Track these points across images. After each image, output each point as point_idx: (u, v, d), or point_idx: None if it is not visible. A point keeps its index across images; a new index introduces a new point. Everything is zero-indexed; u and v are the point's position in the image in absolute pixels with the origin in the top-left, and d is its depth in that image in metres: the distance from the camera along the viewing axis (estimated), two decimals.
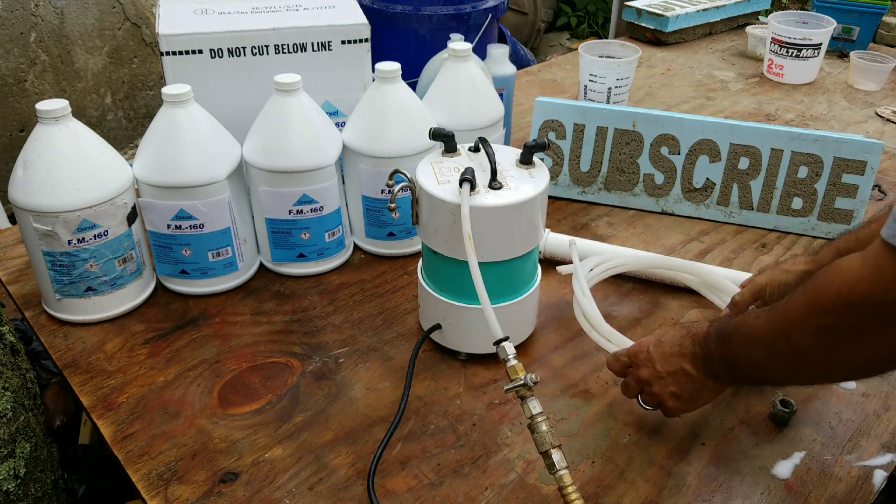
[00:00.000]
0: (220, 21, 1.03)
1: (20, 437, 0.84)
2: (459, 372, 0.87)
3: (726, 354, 0.68)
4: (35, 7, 2.25)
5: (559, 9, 4.21)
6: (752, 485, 0.74)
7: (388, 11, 1.84)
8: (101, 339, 0.91)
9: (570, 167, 1.24)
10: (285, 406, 0.82)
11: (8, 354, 0.88)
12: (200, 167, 0.91)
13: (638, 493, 0.73)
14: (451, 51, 1.07)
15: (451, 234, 0.79)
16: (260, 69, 1.03)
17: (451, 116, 1.06)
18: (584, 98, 1.58)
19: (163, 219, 0.93)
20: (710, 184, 1.20)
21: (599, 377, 0.87)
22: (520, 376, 0.67)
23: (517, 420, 0.81)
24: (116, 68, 2.53)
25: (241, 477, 0.73)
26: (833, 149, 1.12)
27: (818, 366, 0.60)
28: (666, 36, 2.06)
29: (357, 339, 0.93)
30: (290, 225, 0.99)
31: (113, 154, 0.91)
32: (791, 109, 1.67)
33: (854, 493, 0.73)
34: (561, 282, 1.03)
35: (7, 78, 2.23)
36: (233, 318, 0.96)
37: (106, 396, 0.83)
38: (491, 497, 0.72)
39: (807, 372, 0.63)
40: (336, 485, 0.73)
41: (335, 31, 1.05)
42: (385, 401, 0.83)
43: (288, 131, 0.94)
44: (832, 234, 1.16)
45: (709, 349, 0.70)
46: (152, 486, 0.72)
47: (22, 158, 0.86)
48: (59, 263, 0.88)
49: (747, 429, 0.80)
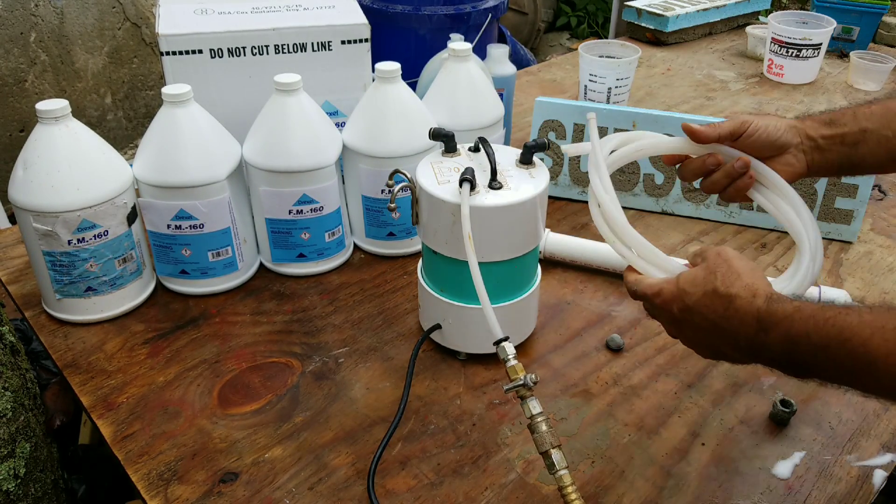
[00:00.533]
0: (220, 21, 1.03)
1: (20, 437, 0.84)
2: (459, 372, 0.88)
3: (799, 358, 0.55)
4: (35, 7, 2.25)
5: (559, 9, 4.21)
6: (752, 485, 0.74)
7: (388, 11, 1.84)
8: (101, 339, 0.91)
9: (570, 167, 1.24)
10: (285, 406, 0.82)
11: (8, 354, 0.88)
12: (200, 167, 0.91)
13: (638, 493, 0.73)
14: (451, 51, 1.07)
15: (451, 234, 0.79)
16: (260, 69, 1.03)
17: (451, 116, 1.06)
18: (584, 98, 1.58)
19: (163, 219, 0.93)
20: None
21: (599, 377, 0.87)
22: (520, 376, 0.67)
23: (517, 420, 0.81)
24: (116, 68, 2.53)
25: (241, 477, 0.73)
26: None
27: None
28: (666, 36, 2.06)
29: (357, 339, 0.93)
30: (290, 225, 0.99)
31: (113, 154, 0.91)
32: (791, 109, 1.67)
33: (854, 493, 0.73)
34: (561, 282, 1.04)
35: (7, 78, 2.23)
36: (233, 318, 0.96)
37: (106, 396, 0.83)
38: (491, 497, 0.72)
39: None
40: (336, 485, 0.73)
41: (335, 31, 1.05)
42: (385, 401, 0.83)
43: (288, 131, 0.94)
44: (832, 235, 1.16)
45: (766, 341, 0.57)
46: (152, 486, 0.72)
47: (22, 158, 0.86)
48: (59, 263, 0.88)
49: (747, 429, 0.80)
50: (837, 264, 1.10)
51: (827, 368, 0.54)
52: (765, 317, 0.57)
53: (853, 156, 0.74)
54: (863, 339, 0.51)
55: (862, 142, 0.73)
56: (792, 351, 0.55)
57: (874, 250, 1.14)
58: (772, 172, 0.74)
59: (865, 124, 0.73)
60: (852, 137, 0.73)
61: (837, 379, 0.54)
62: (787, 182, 0.73)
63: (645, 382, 0.86)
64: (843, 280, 1.07)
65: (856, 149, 0.73)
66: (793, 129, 0.74)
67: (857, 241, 1.16)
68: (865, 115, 0.73)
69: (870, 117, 0.73)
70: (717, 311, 0.60)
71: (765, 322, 0.57)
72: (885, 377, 0.50)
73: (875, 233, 1.19)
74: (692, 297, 0.61)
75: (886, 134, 0.72)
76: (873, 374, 0.50)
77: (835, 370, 0.53)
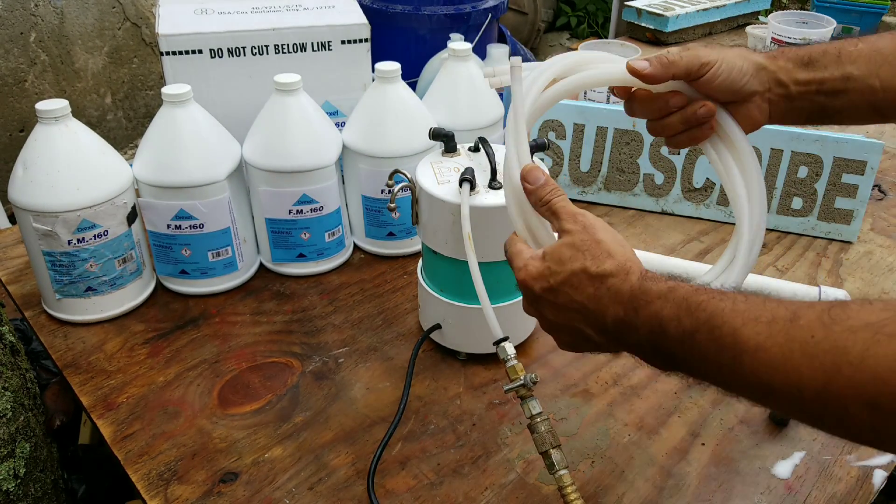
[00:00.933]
0: (220, 21, 1.03)
1: (20, 437, 0.84)
2: (459, 372, 0.87)
3: (665, 345, 0.49)
4: (35, 7, 2.25)
5: (559, 9, 4.21)
6: (752, 485, 0.74)
7: (388, 11, 1.84)
8: (101, 339, 0.91)
9: (570, 167, 1.24)
10: (285, 406, 0.82)
11: (8, 354, 0.88)
12: (200, 167, 0.91)
13: (638, 493, 0.73)
14: (451, 51, 1.07)
15: (451, 234, 0.79)
16: (260, 69, 1.03)
17: (451, 116, 1.06)
18: (584, 98, 1.58)
19: (163, 219, 0.93)
20: (710, 184, 1.20)
21: (599, 377, 0.87)
22: (519, 376, 0.67)
23: (517, 420, 0.81)
24: (116, 68, 2.53)
25: (240, 477, 0.73)
26: (833, 149, 1.12)
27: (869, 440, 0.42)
28: (666, 36, 2.06)
29: (357, 339, 0.93)
30: (290, 225, 0.99)
31: (113, 154, 0.91)
32: None
33: (854, 493, 0.73)
34: None
35: (7, 78, 2.23)
36: (233, 318, 0.96)
37: (106, 396, 0.83)
38: (491, 497, 0.72)
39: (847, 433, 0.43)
40: (336, 485, 0.73)
41: (335, 31, 1.05)
42: (385, 401, 0.83)
43: (288, 131, 0.94)
44: (832, 235, 1.16)
45: (636, 321, 0.51)
46: (152, 486, 0.72)
47: (22, 158, 0.86)
48: (59, 263, 0.88)
49: (747, 429, 0.80)
50: (837, 264, 1.10)
51: (692, 357, 0.48)
52: (637, 294, 0.51)
53: (829, 107, 0.63)
54: (733, 327, 0.45)
55: (843, 91, 0.62)
56: (659, 334, 0.49)
57: (874, 250, 1.14)
58: (735, 128, 0.63)
59: (850, 69, 0.62)
60: (833, 84, 0.62)
61: (701, 371, 0.49)
62: (744, 135, 0.63)
63: (645, 382, 0.86)
64: (843, 280, 1.07)
65: (834, 98, 0.63)
66: (761, 73, 0.63)
67: (857, 241, 1.16)
68: (850, 57, 0.62)
69: (856, 59, 0.62)
70: (587, 292, 0.54)
71: (637, 300, 0.51)
72: (749, 373, 0.44)
73: (875, 233, 1.19)
74: (557, 277, 0.55)
75: (873, 84, 0.61)
76: (738, 367, 0.45)
77: (700, 360, 0.48)
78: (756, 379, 0.44)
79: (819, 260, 1.11)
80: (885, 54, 0.61)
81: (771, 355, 0.43)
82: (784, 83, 0.63)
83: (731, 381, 0.47)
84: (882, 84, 0.61)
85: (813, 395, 0.41)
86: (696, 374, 0.49)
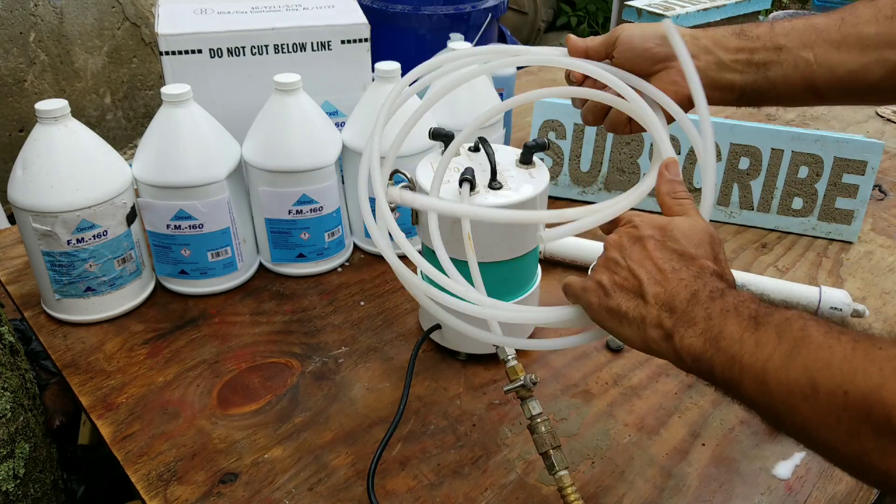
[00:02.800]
0: (220, 21, 1.03)
1: (19, 437, 0.84)
2: (459, 372, 0.87)
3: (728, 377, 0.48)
4: (34, 7, 2.25)
5: (559, 8, 4.21)
6: (752, 485, 0.74)
7: (387, 11, 1.84)
8: (101, 339, 0.91)
9: (570, 167, 1.24)
10: (285, 406, 0.82)
11: (7, 354, 0.88)
12: (200, 167, 0.91)
13: (638, 494, 0.72)
14: (451, 51, 1.06)
15: (451, 234, 0.78)
16: (259, 69, 1.03)
17: (451, 116, 1.06)
18: None
19: (162, 219, 0.93)
20: None
21: (599, 377, 0.87)
22: (519, 377, 0.67)
23: (517, 420, 0.81)
24: (116, 68, 2.53)
25: (240, 477, 0.73)
26: (833, 149, 1.12)
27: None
28: None
29: (357, 339, 0.92)
30: (290, 225, 0.99)
31: (112, 154, 0.91)
32: (791, 109, 1.67)
33: (854, 493, 0.73)
34: (561, 282, 1.03)
35: (6, 78, 2.23)
36: (232, 319, 0.95)
37: (105, 396, 0.83)
38: (491, 497, 0.72)
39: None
40: (336, 485, 0.73)
41: (335, 30, 1.04)
42: (385, 401, 0.83)
43: (287, 131, 0.94)
44: (832, 235, 1.16)
45: (726, 294, 0.49)
46: (152, 487, 0.72)
47: (21, 158, 0.86)
48: (59, 263, 0.88)
49: (747, 429, 0.80)
50: (838, 264, 1.10)
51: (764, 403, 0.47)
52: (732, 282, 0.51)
53: (760, 81, 0.62)
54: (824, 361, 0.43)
55: (774, 62, 0.61)
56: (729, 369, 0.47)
57: (874, 250, 1.14)
58: (652, 89, 0.63)
59: (782, 41, 0.61)
60: (764, 55, 0.62)
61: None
62: (662, 93, 0.63)
63: (645, 383, 0.86)
64: (843, 280, 1.06)
65: (766, 71, 0.62)
66: (688, 41, 0.62)
67: (858, 241, 1.16)
68: (784, 30, 0.61)
69: (788, 33, 0.61)
70: (695, 264, 0.52)
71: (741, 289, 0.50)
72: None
73: (875, 233, 1.19)
74: (677, 234, 0.55)
75: (805, 56, 0.60)
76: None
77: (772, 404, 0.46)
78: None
79: (819, 260, 1.11)
80: (819, 29, 0.61)
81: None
82: (711, 50, 0.63)
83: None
84: (816, 59, 0.60)
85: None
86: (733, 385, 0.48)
